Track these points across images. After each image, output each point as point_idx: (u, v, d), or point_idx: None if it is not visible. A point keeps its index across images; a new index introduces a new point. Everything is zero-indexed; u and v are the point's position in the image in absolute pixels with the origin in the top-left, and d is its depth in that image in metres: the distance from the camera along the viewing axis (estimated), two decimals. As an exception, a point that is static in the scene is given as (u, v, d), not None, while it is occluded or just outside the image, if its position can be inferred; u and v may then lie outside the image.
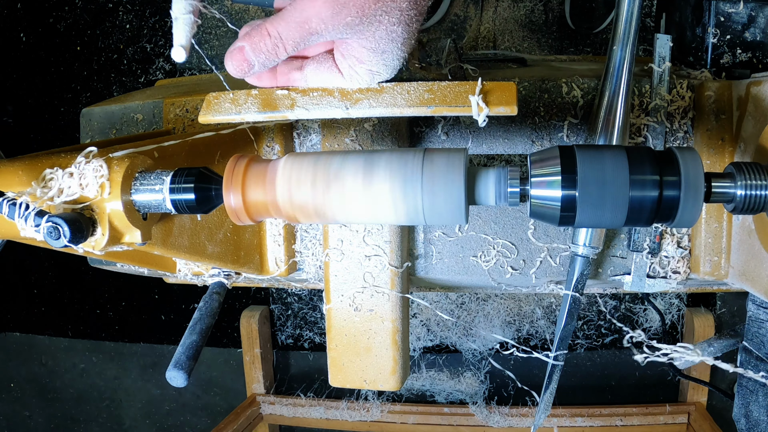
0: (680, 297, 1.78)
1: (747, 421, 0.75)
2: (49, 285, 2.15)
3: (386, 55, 0.52)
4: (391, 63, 0.54)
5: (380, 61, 0.53)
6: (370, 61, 0.53)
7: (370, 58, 0.52)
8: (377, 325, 0.83)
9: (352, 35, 0.50)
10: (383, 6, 0.49)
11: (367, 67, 0.54)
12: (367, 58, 0.53)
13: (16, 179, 0.51)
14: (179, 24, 0.55)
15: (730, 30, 0.83)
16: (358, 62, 0.53)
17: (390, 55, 0.53)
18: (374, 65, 0.53)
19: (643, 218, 0.48)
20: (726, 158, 0.77)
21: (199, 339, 0.74)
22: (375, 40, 0.51)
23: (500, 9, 1.74)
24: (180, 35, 0.55)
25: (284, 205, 0.51)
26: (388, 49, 0.52)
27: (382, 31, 0.50)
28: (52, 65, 2.02)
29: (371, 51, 0.52)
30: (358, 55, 0.53)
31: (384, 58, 0.53)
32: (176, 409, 2.15)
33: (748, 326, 0.75)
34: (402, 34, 0.51)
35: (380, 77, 0.55)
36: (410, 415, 1.81)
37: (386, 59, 0.53)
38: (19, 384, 2.29)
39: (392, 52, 0.52)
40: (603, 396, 1.87)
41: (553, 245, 0.85)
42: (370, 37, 0.51)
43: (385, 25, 0.50)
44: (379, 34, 0.50)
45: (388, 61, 0.53)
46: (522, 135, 0.83)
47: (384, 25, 0.50)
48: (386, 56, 0.53)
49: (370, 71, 0.54)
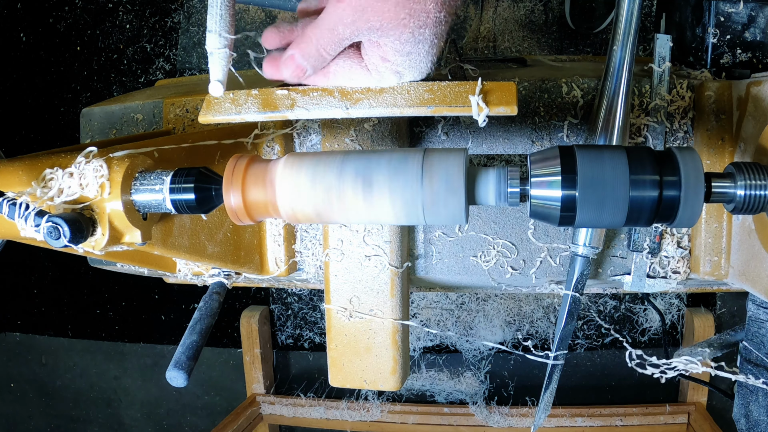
0: (680, 297, 1.78)
1: (747, 421, 0.75)
2: (49, 285, 2.15)
3: (412, 56, 0.52)
4: (417, 65, 0.54)
5: (405, 61, 0.53)
6: (395, 61, 0.53)
7: (396, 58, 0.53)
8: (377, 324, 0.83)
9: (378, 36, 0.51)
10: (408, 9, 0.49)
11: (392, 67, 0.54)
12: (392, 58, 0.53)
13: (16, 179, 0.51)
14: (215, 59, 0.54)
15: (730, 30, 0.83)
16: (383, 61, 0.53)
17: (416, 56, 0.53)
18: (399, 65, 0.53)
19: (643, 218, 0.48)
20: (726, 158, 0.77)
21: (199, 339, 0.74)
22: (401, 42, 0.51)
23: (500, 9, 1.74)
24: (216, 70, 0.55)
25: (284, 205, 0.51)
26: (414, 51, 0.52)
27: (407, 34, 0.50)
28: (52, 65, 2.02)
29: (396, 52, 0.52)
30: (383, 53, 0.53)
31: (410, 59, 0.53)
32: (176, 409, 2.15)
33: (748, 326, 0.75)
34: (429, 36, 0.51)
35: (406, 78, 0.55)
36: (410, 415, 1.81)
37: (412, 60, 0.53)
38: (19, 384, 2.28)
39: (418, 53, 0.52)
40: (603, 396, 1.87)
41: (553, 245, 0.85)
42: (395, 39, 0.51)
43: (410, 28, 0.50)
44: (405, 37, 0.50)
45: (414, 63, 0.53)
46: (522, 135, 0.83)
47: (409, 28, 0.50)
48: (412, 57, 0.53)
49: (396, 72, 0.54)
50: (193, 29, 1.92)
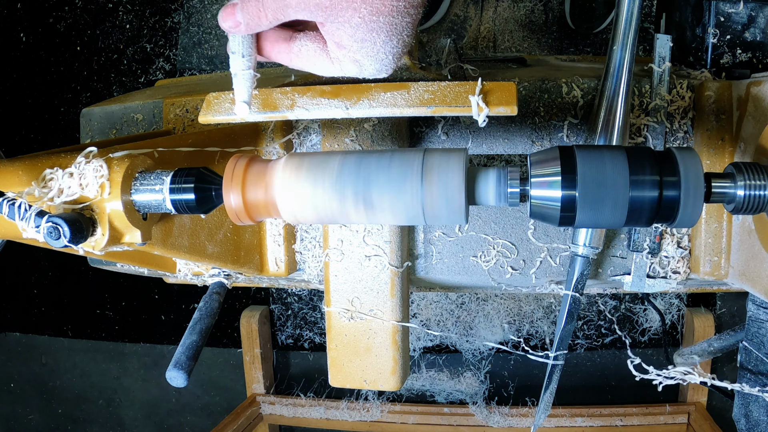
0: (680, 297, 1.78)
1: (747, 421, 0.75)
2: (49, 285, 2.15)
3: (367, 44, 0.50)
4: (375, 55, 0.51)
5: (361, 49, 0.50)
6: (350, 48, 0.50)
7: (351, 44, 0.50)
8: (377, 325, 0.83)
9: (326, 19, 0.49)
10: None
11: (349, 55, 0.51)
12: (347, 44, 0.50)
13: (16, 179, 0.51)
14: (239, 80, 0.54)
15: (730, 30, 0.83)
16: (338, 47, 0.51)
17: (372, 45, 0.50)
18: (356, 52, 0.51)
19: (643, 218, 0.48)
20: (726, 158, 0.77)
21: (199, 339, 0.74)
22: (351, 27, 0.49)
23: (500, 9, 1.74)
24: (242, 92, 0.54)
25: (284, 206, 0.51)
26: (368, 39, 0.50)
27: (357, 19, 0.48)
28: (52, 65, 2.02)
29: (350, 37, 0.50)
30: (338, 39, 0.50)
31: (364, 47, 0.50)
32: (176, 409, 2.15)
33: (748, 326, 0.75)
34: (385, 25, 0.49)
35: (367, 69, 0.52)
36: (410, 415, 1.81)
37: (368, 49, 0.50)
38: (19, 384, 2.28)
39: (374, 42, 0.50)
40: (603, 396, 1.87)
41: (553, 245, 0.85)
42: (345, 24, 0.49)
43: (361, 13, 0.48)
44: (355, 21, 0.48)
45: (371, 53, 0.51)
46: (522, 135, 0.83)
47: (360, 13, 0.48)
48: (367, 46, 0.50)
49: (355, 60, 0.51)
50: (193, 29, 1.92)
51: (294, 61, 0.54)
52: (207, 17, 1.90)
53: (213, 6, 1.89)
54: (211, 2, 1.90)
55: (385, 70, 0.53)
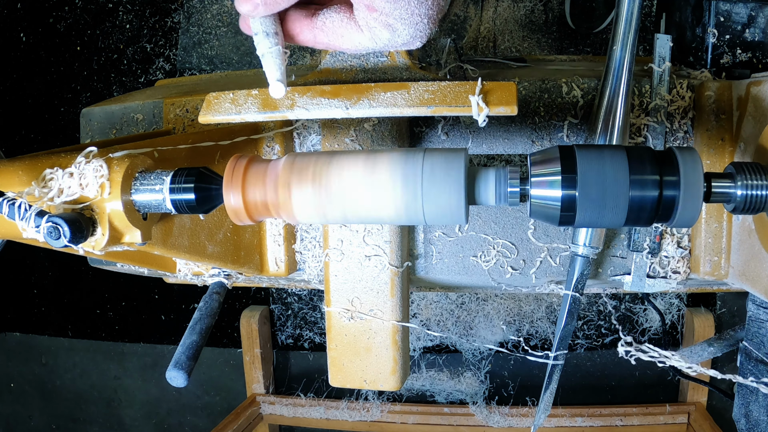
0: (680, 297, 1.78)
1: (747, 421, 0.75)
2: (49, 285, 2.15)
3: (401, 3, 0.47)
4: (409, 17, 0.48)
5: (394, 10, 0.47)
6: (383, 9, 0.47)
7: (383, 6, 0.47)
8: (377, 324, 0.83)
9: None
10: None
11: (381, 18, 0.48)
12: (380, 5, 0.47)
13: (16, 179, 0.51)
14: (269, 59, 0.51)
15: (730, 30, 0.83)
16: (370, 11, 0.48)
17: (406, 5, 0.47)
18: (389, 15, 0.47)
19: (643, 218, 0.48)
20: (726, 158, 0.77)
21: (199, 339, 0.74)
22: None
23: (500, 9, 1.74)
24: (273, 70, 0.51)
25: (284, 205, 0.51)
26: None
27: None
28: (52, 65, 2.02)
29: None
30: (368, 2, 0.47)
31: (398, 7, 0.47)
32: (176, 409, 2.15)
33: (748, 326, 0.75)
34: None
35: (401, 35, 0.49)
36: (410, 415, 1.81)
37: (402, 11, 0.47)
38: (19, 384, 2.29)
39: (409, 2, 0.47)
40: (603, 396, 1.87)
41: (553, 245, 0.85)
42: None
43: None
44: None
45: (405, 14, 0.47)
46: (522, 135, 0.83)
47: None
48: (401, 6, 0.47)
49: (388, 24, 0.48)
50: (193, 29, 1.92)
51: (318, 36, 0.51)
52: (207, 17, 1.90)
53: (213, 6, 1.89)
54: (211, 2, 1.90)
55: (420, 37, 0.50)
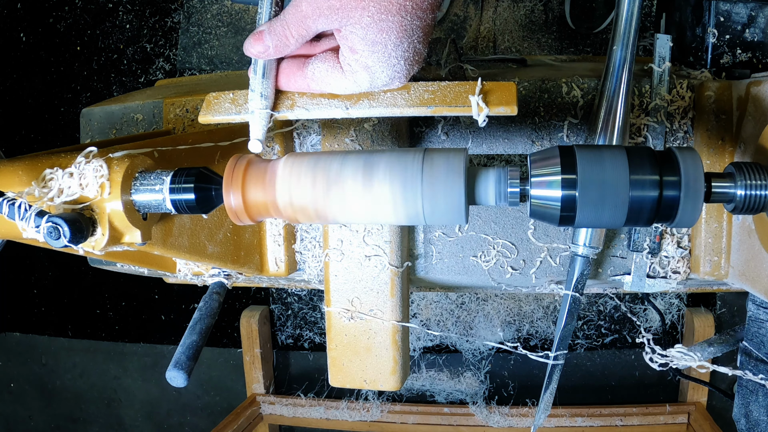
0: (680, 297, 1.78)
1: (747, 421, 0.75)
2: (49, 285, 2.15)
3: (378, 47, 0.51)
4: (386, 59, 0.52)
5: (372, 53, 0.51)
6: (362, 52, 0.52)
7: (362, 47, 0.51)
8: (377, 324, 0.83)
9: (340, 22, 0.51)
10: None
11: (361, 60, 0.52)
12: (359, 47, 0.51)
13: (16, 179, 0.51)
14: (256, 118, 0.56)
15: (730, 30, 0.83)
16: (351, 52, 0.52)
17: (383, 48, 0.51)
18: (367, 57, 0.52)
19: (643, 218, 0.48)
20: (726, 158, 0.77)
21: (199, 339, 0.74)
22: (362, 27, 0.50)
23: (500, 9, 1.74)
24: (257, 129, 0.57)
25: (284, 206, 0.51)
26: (379, 41, 0.51)
27: (367, 18, 0.50)
28: (52, 65, 2.02)
29: (362, 39, 0.51)
30: (351, 43, 0.52)
31: (375, 50, 0.51)
32: (176, 409, 2.15)
33: (748, 326, 0.75)
34: (395, 26, 0.50)
35: (378, 77, 0.53)
36: (410, 415, 1.81)
37: (379, 52, 0.51)
38: (19, 384, 2.29)
39: (385, 45, 0.51)
40: (603, 396, 1.87)
41: (553, 245, 0.85)
42: (356, 25, 0.50)
43: (370, 11, 0.49)
44: (365, 21, 0.50)
45: (382, 57, 0.52)
46: (522, 135, 0.83)
47: (369, 12, 0.49)
48: (378, 48, 0.51)
49: (366, 66, 0.52)
50: (193, 29, 1.92)
51: (311, 85, 0.56)
52: (207, 17, 1.90)
53: (213, 6, 1.89)
54: (211, 2, 1.90)
55: (398, 78, 0.54)
